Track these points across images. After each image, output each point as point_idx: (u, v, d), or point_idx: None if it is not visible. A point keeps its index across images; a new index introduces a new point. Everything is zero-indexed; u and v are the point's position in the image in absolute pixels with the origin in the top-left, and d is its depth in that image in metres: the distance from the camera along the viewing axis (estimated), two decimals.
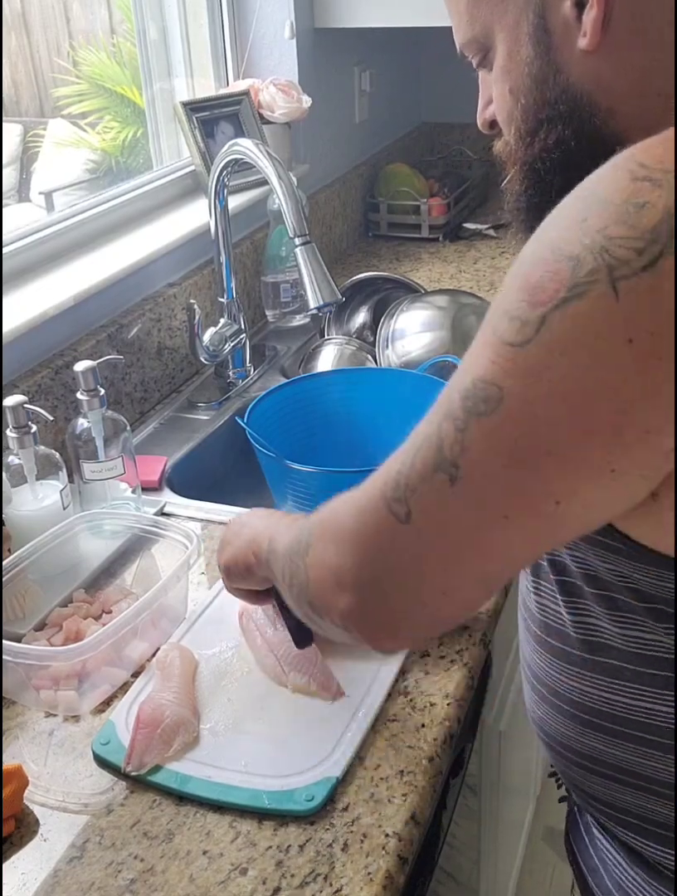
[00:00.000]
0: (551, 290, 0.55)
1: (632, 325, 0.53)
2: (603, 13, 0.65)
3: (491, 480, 0.59)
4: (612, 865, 0.86)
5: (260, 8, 1.91)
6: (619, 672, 0.73)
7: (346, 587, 0.67)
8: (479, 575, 0.64)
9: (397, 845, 0.77)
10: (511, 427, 0.57)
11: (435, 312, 1.52)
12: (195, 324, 1.48)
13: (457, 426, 0.60)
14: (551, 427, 0.56)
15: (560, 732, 0.82)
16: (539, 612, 0.81)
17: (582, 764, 0.81)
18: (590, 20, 0.66)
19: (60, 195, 3.76)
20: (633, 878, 0.83)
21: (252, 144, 1.35)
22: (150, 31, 1.84)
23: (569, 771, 0.84)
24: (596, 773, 0.79)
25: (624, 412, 0.55)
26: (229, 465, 1.44)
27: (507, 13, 0.70)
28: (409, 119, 2.68)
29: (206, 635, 1.01)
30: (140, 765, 0.84)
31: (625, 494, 0.59)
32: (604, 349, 0.54)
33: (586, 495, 0.58)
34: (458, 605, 0.67)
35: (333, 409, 1.39)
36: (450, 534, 0.62)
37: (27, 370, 1.29)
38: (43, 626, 1.01)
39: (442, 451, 0.60)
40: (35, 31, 4.42)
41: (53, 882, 0.76)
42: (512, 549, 0.62)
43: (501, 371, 0.57)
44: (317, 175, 2.12)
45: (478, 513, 0.60)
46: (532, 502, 0.59)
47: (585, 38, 0.66)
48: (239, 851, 0.78)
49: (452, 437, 0.60)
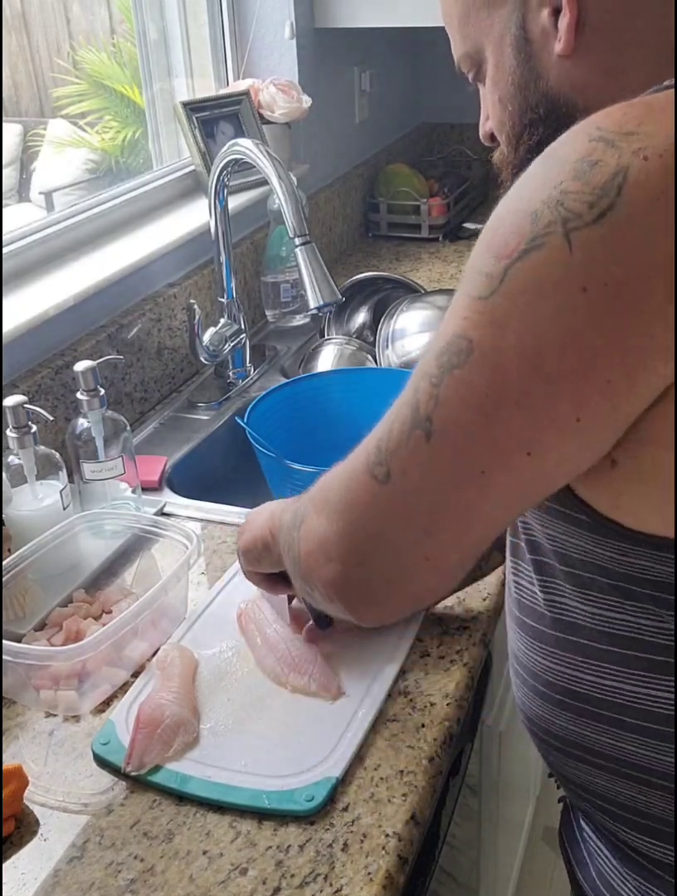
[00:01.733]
0: (514, 243, 0.58)
1: (585, 275, 0.56)
2: (575, 18, 0.69)
3: (464, 433, 0.61)
4: (598, 857, 0.86)
5: (260, 8, 1.91)
6: (588, 650, 0.74)
7: (332, 556, 0.69)
8: (460, 538, 0.66)
9: (397, 845, 0.77)
10: (480, 377, 0.60)
11: (435, 312, 1.52)
12: (195, 324, 1.48)
13: (432, 383, 0.62)
14: (518, 376, 0.59)
15: (537, 715, 0.82)
16: (517, 593, 0.82)
17: (559, 748, 0.81)
18: (564, 25, 0.70)
19: (60, 195, 3.77)
20: (616, 868, 0.83)
21: (252, 144, 1.36)
22: (150, 31, 1.84)
23: (549, 756, 0.84)
24: (572, 756, 0.80)
25: (584, 361, 0.57)
26: (229, 465, 1.44)
27: (493, 28, 0.75)
28: (409, 119, 2.68)
29: (206, 635, 1.01)
30: (140, 765, 0.84)
31: (592, 445, 0.62)
32: (562, 298, 0.57)
33: (554, 446, 0.60)
34: (441, 573, 0.69)
35: (333, 409, 1.39)
36: (428, 492, 0.63)
37: (27, 370, 1.29)
38: (43, 626, 1.01)
39: (418, 409, 0.63)
40: (35, 31, 4.42)
41: (53, 882, 0.76)
42: (489, 509, 0.64)
43: (471, 324, 0.60)
44: (317, 175, 2.12)
45: (454, 468, 0.62)
46: (504, 454, 0.61)
47: (560, 42, 0.70)
48: (239, 851, 0.78)
49: (428, 394, 0.62)
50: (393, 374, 1.44)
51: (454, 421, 0.61)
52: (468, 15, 0.76)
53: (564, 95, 0.72)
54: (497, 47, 0.75)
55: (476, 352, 0.59)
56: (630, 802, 0.77)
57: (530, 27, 0.72)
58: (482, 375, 0.60)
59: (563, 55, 0.71)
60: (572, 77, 0.72)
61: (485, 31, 0.75)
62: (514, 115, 0.76)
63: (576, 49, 0.70)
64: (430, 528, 0.65)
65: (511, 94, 0.76)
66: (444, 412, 0.61)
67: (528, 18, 0.72)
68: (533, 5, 0.72)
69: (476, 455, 0.61)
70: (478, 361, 0.59)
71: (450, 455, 0.62)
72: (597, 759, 0.77)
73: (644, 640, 0.71)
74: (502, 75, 0.76)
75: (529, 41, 0.73)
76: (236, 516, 1.23)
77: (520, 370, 0.58)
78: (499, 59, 0.75)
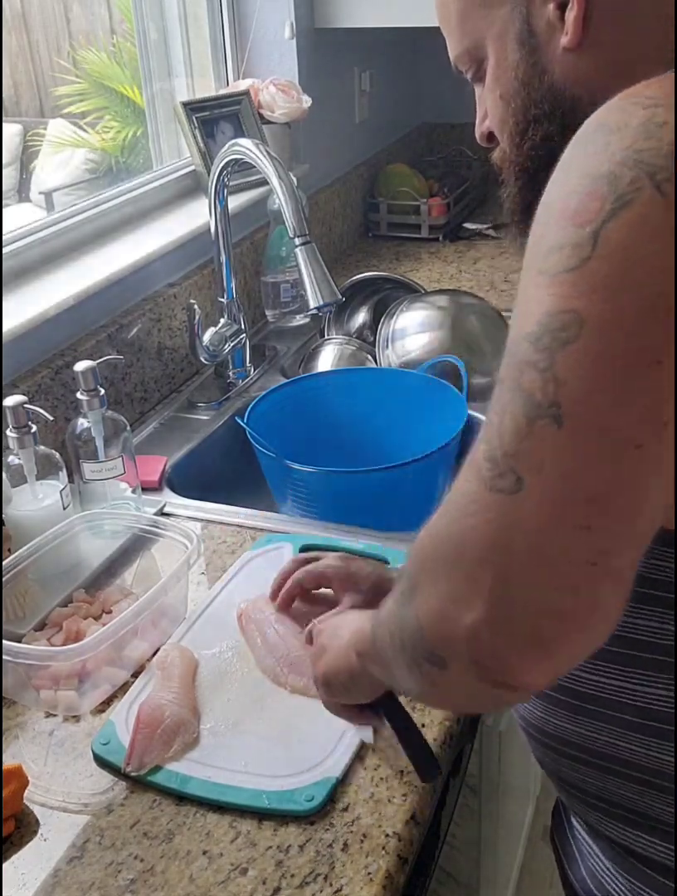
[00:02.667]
0: (594, 208, 0.56)
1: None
2: (583, 11, 0.69)
3: (605, 405, 0.54)
4: (589, 857, 0.86)
5: (260, 8, 1.91)
6: None
7: (470, 601, 0.55)
8: (628, 526, 0.55)
9: (397, 845, 0.77)
10: (603, 343, 0.54)
11: (435, 312, 1.52)
12: (195, 324, 1.48)
13: (540, 368, 0.55)
14: (643, 330, 0.54)
15: (533, 714, 0.81)
16: None
17: (554, 747, 0.80)
18: (572, 18, 0.69)
19: (60, 195, 3.77)
20: (607, 868, 0.83)
21: (252, 144, 1.35)
22: (150, 32, 1.84)
23: (545, 756, 0.84)
24: (567, 755, 0.79)
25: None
26: (229, 465, 1.44)
27: (495, 23, 0.74)
28: (409, 119, 2.68)
29: (206, 635, 1.01)
30: (140, 765, 0.84)
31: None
32: (663, 246, 0.54)
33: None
34: (614, 579, 0.55)
35: (333, 408, 1.39)
36: (575, 480, 0.54)
37: (27, 370, 1.29)
38: (43, 626, 1.01)
39: (532, 400, 0.55)
40: (35, 31, 4.42)
41: (53, 882, 0.76)
42: (651, 487, 0.55)
43: (568, 297, 0.55)
44: (317, 175, 2.12)
45: (601, 446, 0.54)
46: (653, 420, 0.54)
47: (567, 36, 0.70)
48: (239, 851, 0.78)
49: (540, 381, 0.55)
50: (393, 374, 1.44)
51: (587, 396, 0.54)
52: (469, 11, 0.76)
53: (570, 89, 0.72)
54: (499, 42, 0.75)
55: (588, 321, 0.54)
56: (625, 801, 0.77)
57: (535, 21, 0.72)
58: (605, 341, 0.54)
59: (570, 48, 0.71)
60: (578, 71, 0.72)
61: (487, 26, 0.75)
62: (518, 112, 0.75)
63: (582, 42, 0.70)
64: (591, 521, 0.54)
65: (514, 90, 0.75)
66: (572, 391, 0.54)
67: (533, 13, 0.72)
68: (538, 0, 0.71)
69: (623, 425, 0.54)
70: (594, 328, 0.54)
71: (595, 433, 0.54)
72: (594, 757, 0.77)
73: (644, 641, 0.71)
74: (504, 71, 0.75)
75: (534, 35, 0.72)
76: (236, 516, 1.23)
77: (644, 324, 0.54)
78: (501, 55, 0.75)
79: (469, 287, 1.95)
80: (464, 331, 1.50)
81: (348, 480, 1.16)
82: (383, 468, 1.14)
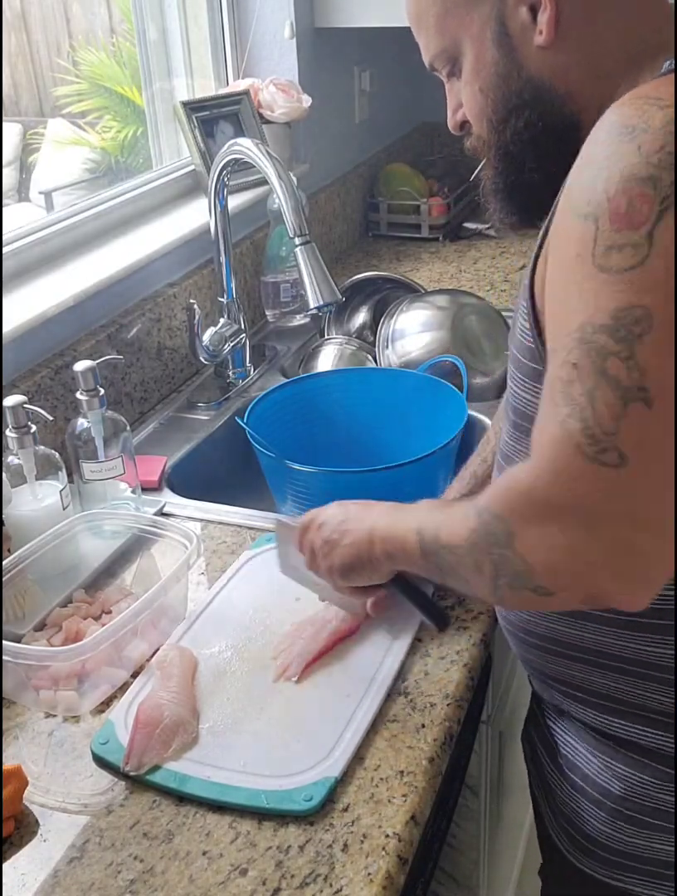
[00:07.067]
0: (645, 210, 0.63)
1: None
2: (555, 13, 0.77)
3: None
4: (564, 746, 0.93)
5: (260, 8, 1.91)
6: None
7: (596, 561, 0.66)
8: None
9: (397, 846, 0.77)
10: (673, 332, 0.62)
11: (435, 312, 1.52)
12: (195, 324, 1.48)
13: (621, 357, 0.63)
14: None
15: (519, 616, 0.89)
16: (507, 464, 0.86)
17: (539, 645, 0.89)
18: (545, 20, 0.78)
19: (60, 195, 3.76)
20: (581, 752, 0.90)
21: (252, 144, 1.35)
22: (149, 31, 1.84)
23: (529, 654, 0.92)
24: (551, 651, 0.88)
25: None
26: (229, 465, 1.44)
27: (473, 23, 0.82)
28: (409, 119, 2.68)
29: (206, 635, 1.01)
30: (139, 765, 0.84)
31: None
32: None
33: None
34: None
35: (333, 409, 1.39)
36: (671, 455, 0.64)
37: (27, 370, 1.29)
38: (43, 626, 1.01)
39: (620, 384, 0.63)
40: (35, 31, 4.42)
41: (53, 882, 0.76)
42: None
43: (635, 293, 0.63)
44: (317, 175, 2.12)
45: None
46: None
47: (541, 35, 0.79)
48: (239, 852, 0.77)
49: (625, 367, 0.63)
50: (393, 374, 1.44)
51: (670, 379, 0.63)
52: (447, 12, 0.83)
53: (546, 81, 0.80)
54: (477, 42, 0.82)
55: (657, 315, 0.63)
56: (603, 689, 0.86)
57: (510, 23, 0.80)
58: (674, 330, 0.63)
59: (544, 46, 0.79)
60: (552, 65, 0.80)
61: (466, 26, 0.82)
62: (497, 102, 0.83)
63: (556, 40, 0.78)
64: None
65: (493, 84, 0.83)
66: (657, 376, 0.63)
67: (507, 16, 0.80)
68: (510, 3, 0.79)
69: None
70: (665, 321, 0.62)
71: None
72: (581, 653, 0.85)
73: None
74: (484, 67, 0.83)
75: (509, 35, 0.80)
76: (236, 516, 1.23)
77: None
78: (479, 53, 0.83)
79: (469, 287, 1.95)
80: (464, 331, 1.50)
81: (348, 480, 1.16)
82: (383, 468, 1.14)
